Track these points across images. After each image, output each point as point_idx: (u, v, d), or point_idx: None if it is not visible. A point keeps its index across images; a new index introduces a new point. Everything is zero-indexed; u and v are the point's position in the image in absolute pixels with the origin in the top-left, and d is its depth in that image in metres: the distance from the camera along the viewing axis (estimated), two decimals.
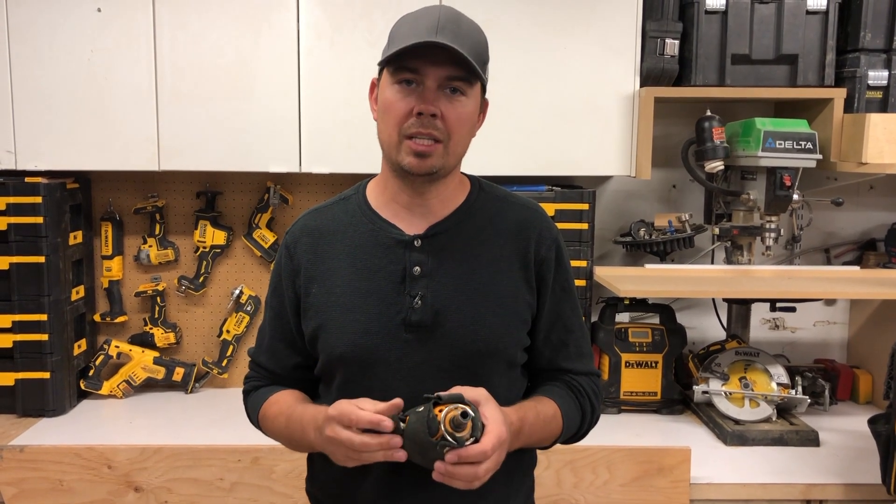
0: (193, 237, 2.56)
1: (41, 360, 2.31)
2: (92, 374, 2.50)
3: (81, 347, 2.49)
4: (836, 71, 2.32)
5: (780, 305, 2.51)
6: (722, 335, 2.59)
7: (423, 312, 1.25)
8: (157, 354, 2.55)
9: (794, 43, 2.29)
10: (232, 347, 2.59)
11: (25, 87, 2.24)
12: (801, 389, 2.29)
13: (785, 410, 2.33)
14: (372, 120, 1.29)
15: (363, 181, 1.39)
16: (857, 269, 2.53)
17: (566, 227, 2.31)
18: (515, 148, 2.31)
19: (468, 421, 1.08)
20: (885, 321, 2.56)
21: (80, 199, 2.46)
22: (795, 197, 2.29)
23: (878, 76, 2.30)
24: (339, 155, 2.28)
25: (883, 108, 2.31)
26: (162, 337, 2.57)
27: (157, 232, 2.56)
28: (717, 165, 2.34)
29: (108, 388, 2.51)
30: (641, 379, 2.40)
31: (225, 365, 2.60)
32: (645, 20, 2.30)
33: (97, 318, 2.58)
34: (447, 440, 1.07)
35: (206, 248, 2.56)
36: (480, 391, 1.15)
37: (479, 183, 1.38)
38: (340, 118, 2.26)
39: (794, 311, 2.54)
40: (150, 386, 2.56)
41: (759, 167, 2.29)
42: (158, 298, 2.57)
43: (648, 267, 2.48)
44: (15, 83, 2.24)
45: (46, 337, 2.30)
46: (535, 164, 2.33)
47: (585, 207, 2.33)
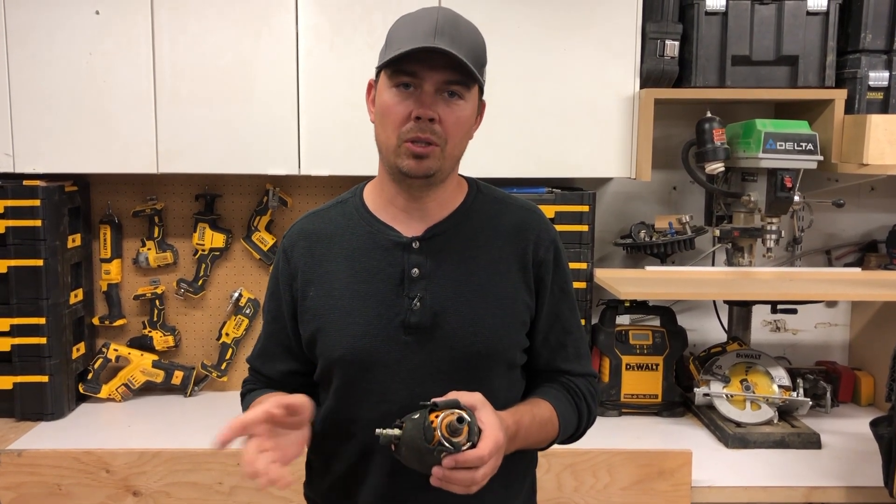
0: (192, 240, 2.56)
1: (39, 363, 2.30)
2: (91, 377, 2.50)
3: (80, 351, 2.48)
4: (836, 72, 2.32)
5: (781, 307, 2.51)
6: (723, 337, 2.58)
7: (421, 314, 1.25)
8: (155, 358, 2.55)
9: (794, 44, 2.29)
10: (231, 350, 2.58)
11: (24, 89, 2.24)
12: (802, 392, 2.29)
13: (786, 413, 2.32)
14: (371, 122, 1.29)
15: (360, 184, 1.39)
16: (858, 270, 2.53)
17: (566, 229, 2.30)
18: (515, 150, 2.31)
19: (464, 426, 1.07)
20: (886, 323, 2.56)
21: (78, 201, 2.46)
22: (796, 198, 2.29)
23: (878, 77, 2.30)
24: (338, 157, 2.28)
25: (884, 109, 2.31)
26: (161, 340, 2.56)
27: (155, 235, 2.55)
28: (717, 167, 2.33)
29: (106, 391, 2.50)
30: (642, 381, 2.39)
31: (224, 368, 2.59)
32: (645, 21, 2.30)
33: (96, 321, 2.57)
34: (444, 446, 1.07)
35: (205, 250, 2.56)
36: (476, 396, 1.15)
37: (476, 185, 1.37)
38: (340, 120, 2.26)
39: (795, 313, 2.54)
40: (148, 389, 2.55)
41: (759, 169, 2.29)
42: (157, 301, 2.57)
43: (649, 269, 2.48)
44: (13, 86, 2.24)
45: (45, 340, 2.30)
46: (534, 165, 2.33)
47: (585, 209, 2.33)
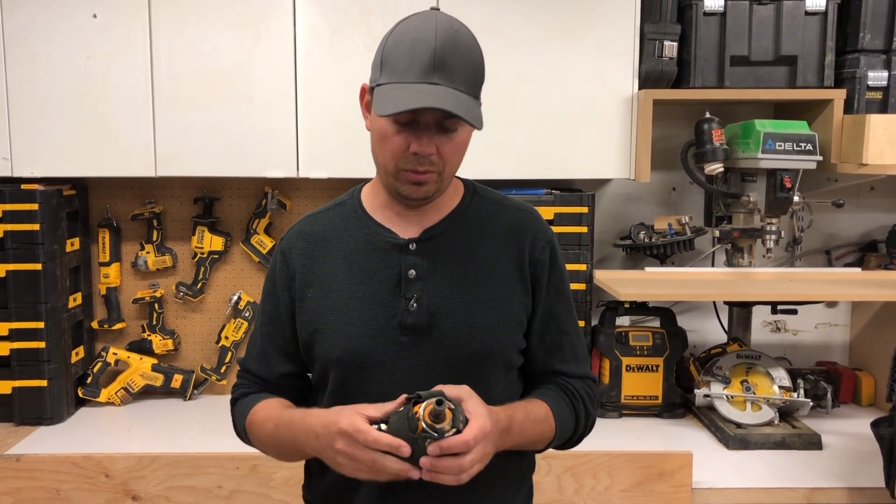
0: (191, 243, 2.55)
1: (38, 367, 2.30)
2: (90, 381, 2.49)
3: (79, 355, 2.48)
4: (835, 72, 2.32)
5: (781, 308, 2.50)
6: (723, 338, 2.57)
7: (418, 315, 1.25)
8: (155, 361, 2.54)
9: (793, 44, 2.28)
10: (230, 354, 2.58)
11: (21, 93, 2.24)
12: (803, 392, 2.28)
13: (787, 414, 2.31)
14: (367, 129, 1.28)
15: (358, 186, 1.39)
16: (858, 270, 2.52)
17: (565, 230, 2.30)
18: (514, 151, 2.30)
19: (445, 409, 1.07)
20: (886, 323, 2.55)
21: (76, 205, 2.45)
22: (796, 199, 2.28)
23: (877, 77, 2.30)
24: (337, 159, 2.28)
25: (883, 108, 2.31)
26: (160, 344, 2.55)
27: (154, 238, 2.55)
28: (716, 167, 2.33)
29: (106, 395, 2.50)
30: (642, 383, 2.39)
31: (223, 371, 2.59)
32: (643, 22, 2.29)
33: (95, 325, 2.57)
34: (428, 433, 1.07)
35: (203, 254, 2.55)
36: (463, 388, 1.15)
37: (472, 186, 1.37)
38: (338, 123, 2.25)
39: (795, 313, 2.54)
40: (148, 393, 2.55)
41: (759, 169, 2.29)
42: (156, 305, 2.56)
43: (648, 270, 2.47)
44: (11, 90, 2.23)
45: (44, 345, 2.29)
46: (534, 167, 2.32)
47: (585, 211, 2.32)
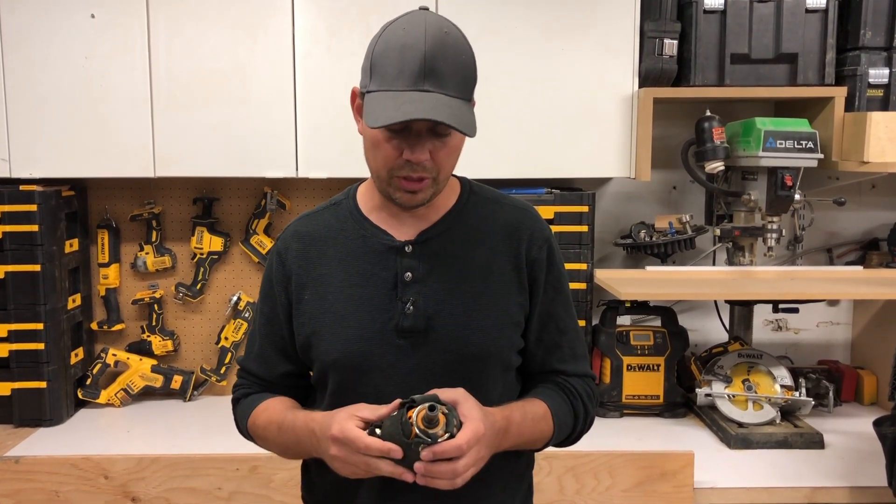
0: (190, 244, 2.55)
1: (38, 369, 2.29)
2: (89, 382, 2.49)
3: (78, 356, 2.47)
4: (836, 69, 2.31)
5: (782, 307, 2.49)
6: (724, 337, 2.57)
7: (415, 318, 1.24)
8: (154, 362, 2.53)
9: (793, 42, 2.28)
10: (230, 354, 2.57)
11: (20, 94, 2.23)
12: (804, 391, 2.27)
13: (789, 413, 2.31)
14: (358, 133, 1.27)
15: (353, 185, 1.39)
16: (859, 269, 2.52)
17: (566, 229, 2.29)
18: (514, 151, 2.29)
19: (438, 413, 1.07)
20: (888, 321, 2.54)
21: (75, 206, 2.45)
22: (797, 197, 2.27)
23: (878, 74, 2.29)
24: (336, 159, 2.27)
25: (884, 106, 2.30)
26: (160, 345, 2.55)
27: (153, 239, 2.54)
28: (717, 166, 2.32)
29: (105, 396, 2.49)
30: (643, 382, 2.38)
31: (223, 372, 2.58)
32: (643, 20, 2.29)
33: (94, 326, 2.56)
34: (421, 438, 1.07)
35: (203, 254, 2.55)
36: (459, 391, 1.14)
37: (469, 185, 1.36)
38: (337, 122, 2.24)
39: (796, 312, 2.52)
40: (148, 394, 2.54)
41: (759, 167, 2.28)
42: (156, 306, 2.55)
43: (649, 269, 2.46)
44: (9, 90, 2.23)
45: (43, 346, 2.29)
46: (533, 166, 2.31)
47: (585, 210, 2.31)
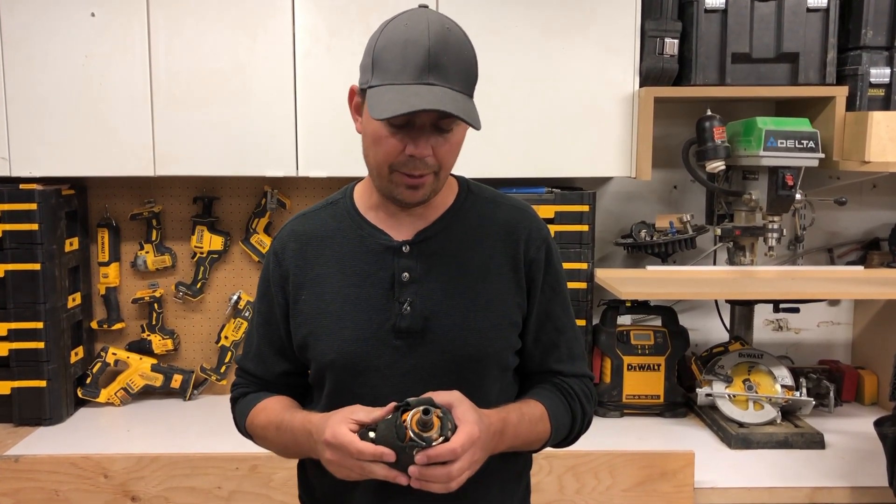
0: (191, 243, 2.54)
1: (37, 368, 2.29)
2: (89, 381, 2.49)
3: (78, 355, 2.47)
4: (837, 69, 2.31)
5: (783, 306, 2.49)
6: (725, 337, 2.56)
7: (412, 319, 1.24)
8: (154, 361, 2.53)
9: (794, 41, 2.27)
10: (230, 353, 2.57)
11: (20, 93, 2.23)
12: (805, 391, 2.27)
13: (789, 413, 2.30)
14: (357, 132, 1.27)
15: (350, 184, 1.38)
16: (860, 268, 2.51)
17: (566, 229, 2.29)
18: (515, 150, 2.29)
19: (432, 417, 1.06)
20: (889, 321, 2.54)
21: (75, 205, 2.45)
22: (798, 196, 2.27)
23: (879, 74, 2.28)
24: (336, 158, 2.27)
25: (885, 105, 2.29)
26: (160, 344, 2.55)
27: (153, 238, 2.54)
28: (718, 165, 2.32)
29: (105, 395, 2.49)
30: (644, 382, 2.38)
31: (223, 371, 2.58)
32: (644, 20, 2.28)
33: (94, 325, 2.56)
34: (416, 441, 1.06)
35: (203, 253, 2.55)
36: (454, 394, 1.14)
37: (467, 184, 1.36)
38: (337, 122, 2.23)
39: (797, 311, 2.52)
40: (148, 393, 2.54)
41: (760, 167, 2.28)
42: (156, 305, 2.55)
43: (650, 269, 2.46)
44: (9, 89, 2.23)
45: (43, 345, 2.28)
46: (534, 166, 2.31)
47: (585, 209, 2.31)
